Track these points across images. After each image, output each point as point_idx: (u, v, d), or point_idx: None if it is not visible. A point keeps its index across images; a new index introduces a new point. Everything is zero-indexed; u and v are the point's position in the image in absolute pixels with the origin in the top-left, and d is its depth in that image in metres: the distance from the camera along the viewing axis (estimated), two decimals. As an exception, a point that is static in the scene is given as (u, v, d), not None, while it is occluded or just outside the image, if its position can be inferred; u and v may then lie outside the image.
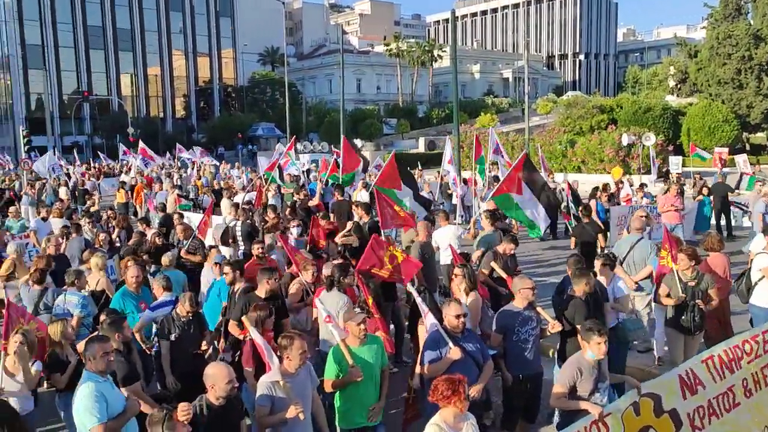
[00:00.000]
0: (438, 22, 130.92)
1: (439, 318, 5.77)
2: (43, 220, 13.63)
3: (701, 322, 7.23)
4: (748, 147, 41.24)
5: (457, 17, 41.77)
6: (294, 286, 7.83)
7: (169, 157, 39.20)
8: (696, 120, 39.35)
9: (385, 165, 13.89)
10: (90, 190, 22.63)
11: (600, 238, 11.06)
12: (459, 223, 16.57)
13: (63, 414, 5.93)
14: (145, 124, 70.33)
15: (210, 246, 10.32)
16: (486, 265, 8.75)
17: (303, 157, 32.01)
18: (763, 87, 41.50)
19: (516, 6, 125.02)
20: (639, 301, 8.80)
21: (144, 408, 5.12)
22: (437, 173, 24.43)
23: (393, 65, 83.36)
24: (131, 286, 7.61)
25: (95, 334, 5.37)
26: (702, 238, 10.30)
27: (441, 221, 11.06)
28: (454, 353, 5.40)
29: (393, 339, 8.14)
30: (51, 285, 8.28)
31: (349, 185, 17.53)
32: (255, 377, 5.42)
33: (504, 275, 8.32)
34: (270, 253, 9.31)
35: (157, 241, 10.46)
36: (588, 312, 6.34)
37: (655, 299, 7.97)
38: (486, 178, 18.91)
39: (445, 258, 10.34)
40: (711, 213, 16.42)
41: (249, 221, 12.62)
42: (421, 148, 53.59)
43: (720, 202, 16.66)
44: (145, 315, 7.13)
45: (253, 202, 15.86)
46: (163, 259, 8.80)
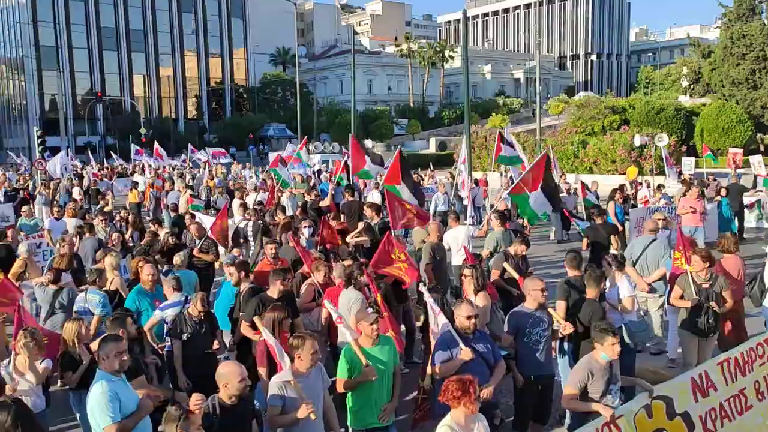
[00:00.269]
0: (449, 22, 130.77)
1: (451, 319, 5.77)
2: (57, 219, 13.76)
3: (715, 324, 7.18)
4: (762, 148, 40.86)
5: (469, 17, 41.60)
6: (306, 286, 7.85)
7: (183, 158, 39.39)
8: (709, 121, 39.07)
9: (392, 162, 13.99)
10: (103, 190, 22.76)
11: (613, 239, 10.98)
12: (471, 224, 16.53)
13: (78, 413, 5.97)
14: (158, 124, 70.85)
15: (233, 246, 10.33)
16: (497, 266, 8.73)
17: (314, 158, 32.07)
18: (777, 87, 41.25)
19: (528, 6, 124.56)
20: (652, 303, 8.75)
21: (152, 394, 5.16)
22: (449, 174, 24.42)
23: (404, 66, 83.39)
24: (147, 284, 7.66)
25: (108, 333, 5.40)
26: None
27: (452, 222, 11.04)
28: (464, 354, 5.40)
29: (404, 340, 8.15)
30: (71, 284, 8.36)
31: (365, 181, 17.56)
32: (268, 377, 5.45)
33: (516, 276, 8.30)
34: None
35: (170, 241, 10.51)
36: (604, 314, 6.34)
37: (669, 301, 7.92)
38: (506, 177, 18.81)
39: (457, 259, 10.33)
40: (730, 214, 16.23)
41: (260, 221, 12.67)
42: (432, 148, 53.61)
43: (737, 203, 16.52)
44: (155, 315, 7.18)
45: (265, 202, 15.91)
46: (175, 259, 8.84)
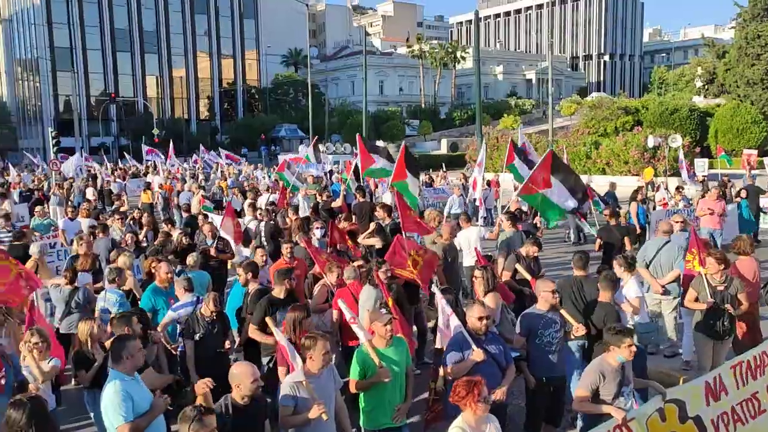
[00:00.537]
0: (461, 23, 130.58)
1: (464, 320, 5.76)
2: (71, 220, 13.88)
3: (730, 327, 7.11)
4: (777, 149, 40.46)
5: (480, 18, 41.54)
6: (319, 287, 7.87)
7: (194, 158, 39.61)
8: (724, 121, 38.74)
9: (398, 159, 14.12)
10: (115, 191, 22.92)
11: (627, 241, 10.90)
12: (483, 225, 16.51)
13: (92, 412, 6.01)
14: (170, 125, 71.28)
15: (256, 246, 10.33)
16: (509, 267, 8.71)
17: (325, 159, 32.13)
18: (794, 88, 40.78)
19: (540, 7, 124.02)
20: (666, 305, 8.69)
21: (158, 382, 5.18)
22: (462, 175, 24.39)
23: (415, 67, 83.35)
24: (163, 282, 7.77)
25: (122, 333, 5.44)
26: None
27: (463, 223, 11.02)
28: (476, 355, 5.39)
29: (416, 341, 8.15)
30: (90, 284, 8.44)
31: (376, 182, 17.54)
32: None
33: (528, 277, 8.28)
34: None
35: (184, 242, 10.57)
36: (618, 317, 6.30)
37: (683, 303, 7.86)
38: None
39: (468, 260, 10.31)
40: (750, 216, 16.01)
41: (272, 222, 12.71)
42: (444, 149, 53.57)
43: (755, 205, 16.32)
44: (167, 315, 7.23)
45: (277, 202, 15.94)
46: (188, 260, 8.89)
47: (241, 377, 4.54)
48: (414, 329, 8.58)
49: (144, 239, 12.10)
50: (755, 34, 41.31)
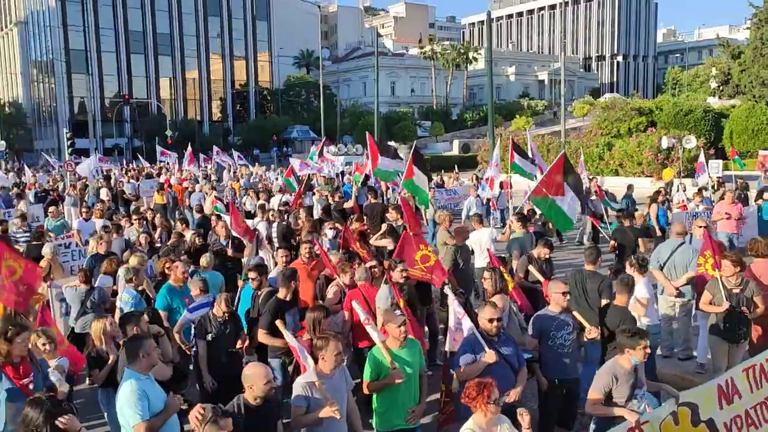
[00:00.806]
0: (473, 24, 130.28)
1: (476, 321, 5.75)
2: (86, 220, 14.00)
3: (746, 330, 7.05)
4: (793, 150, 40.00)
5: (493, 19, 41.47)
6: (332, 289, 7.89)
7: (203, 158, 39.74)
8: (739, 122, 38.36)
9: (408, 160, 14.24)
10: (129, 192, 23.05)
11: (641, 242, 10.82)
12: (497, 227, 16.46)
13: (106, 411, 6.05)
14: (183, 126, 71.67)
15: (277, 248, 10.30)
16: (521, 269, 8.69)
17: (337, 160, 32.17)
18: (809, 88, 40.27)
19: (552, 7, 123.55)
20: (680, 308, 8.62)
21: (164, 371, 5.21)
22: (474, 176, 24.31)
23: (427, 68, 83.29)
24: (179, 282, 7.84)
25: (136, 334, 5.47)
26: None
27: (475, 224, 11.00)
28: (488, 357, 5.39)
29: (427, 343, 8.15)
30: (109, 283, 8.52)
31: (387, 184, 17.58)
32: None
33: (541, 278, 8.26)
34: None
35: (197, 242, 10.62)
36: (634, 321, 6.27)
37: (698, 306, 7.79)
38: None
39: (481, 261, 10.28)
40: None
41: (285, 223, 12.74)
42: (455, 150, 53.45)
43: None
44: (184, 316, 7.27)
45: (290, 203, 15.96)
46: (202, 261, 8.93)
47: (254, 378, 4.55)
48: (426, 330, 8.58)
49: (158, 240, 12.17)
50: (771, 34, 40.89)
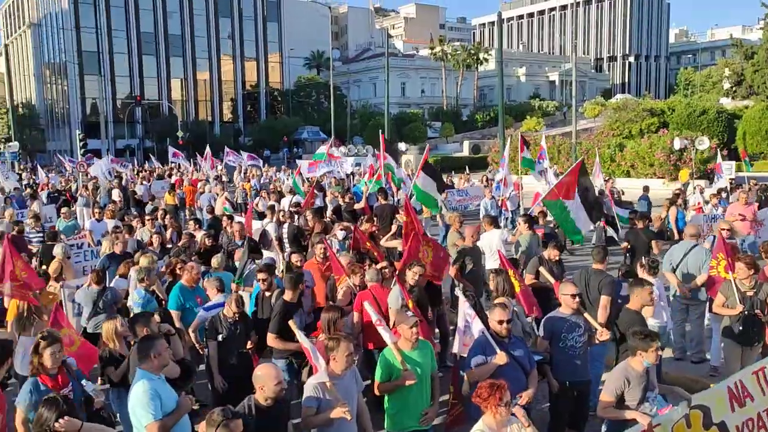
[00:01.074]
0: (483, 24, 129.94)
1: (486, 323, 5.74)
2: (98, 221, 14.11)
3: (760, 333, 6.99)
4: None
5: (503, 20, 41.31)
6: (342, 290, 7.90)
7: (215, 161, 39.81)
8: (752, 123, 38.08)
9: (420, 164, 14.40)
10: (140, 192, 23.18)
11: (654, 244, 10.75)
12: (509, 228, 16.40)
13: (117, 411, 6.08)
14: (194, 127, 72.03)
15: (291, 251, 10.35)
16: (531, 270, 8.66)
17: (347, 161, 32.18)
18: (824, 89, 39.93)
19: (563, 8, 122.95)
20: (693, 310, 8.55)
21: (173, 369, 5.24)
22: (484, 177, 24.27)
23: (438, 68, 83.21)
24: (192, 282, 7.88)
25: (147, 334, 5.50)
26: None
27: (486, 226, 10.96)
28: (499, 358, 5.38)
29: (438, 344, 8.13)
30: (124, 286, 8.58)
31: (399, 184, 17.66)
32: None
33: (552, 280, 8.23)
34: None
35: (207, 243, 10.67)
36: (645, 325, 6.23)
37: (711, 308, 7.73)
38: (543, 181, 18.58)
39: (491, 263, 10.24)
40: None
41: (295, 224, 12.75)
42: (466, 151, 53.34)
43: None
44: (199, 315, 7.31)
45: (302, 204, 15.97)
46: (213, 261, 8.97)
47: (265, 379, 4.56)
48: (436, 332, 8.57)
49: (170, 240, 12.23)
50: (785, 34, 40.58)
